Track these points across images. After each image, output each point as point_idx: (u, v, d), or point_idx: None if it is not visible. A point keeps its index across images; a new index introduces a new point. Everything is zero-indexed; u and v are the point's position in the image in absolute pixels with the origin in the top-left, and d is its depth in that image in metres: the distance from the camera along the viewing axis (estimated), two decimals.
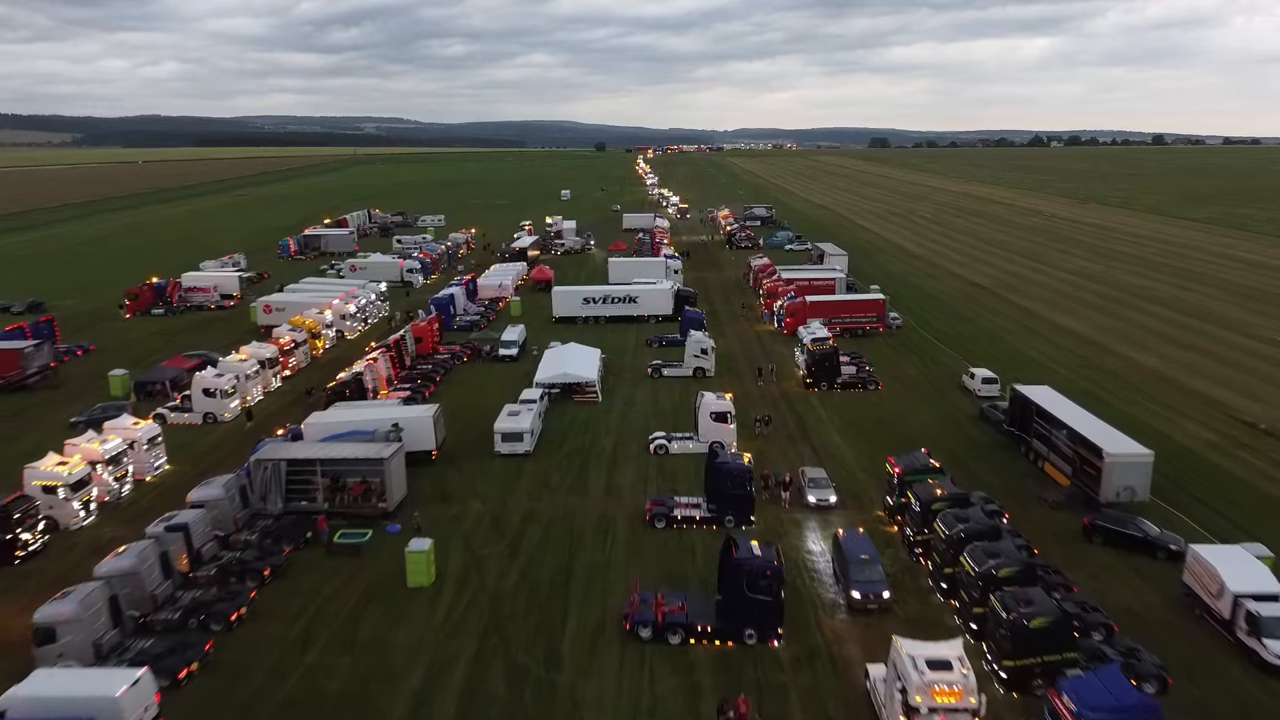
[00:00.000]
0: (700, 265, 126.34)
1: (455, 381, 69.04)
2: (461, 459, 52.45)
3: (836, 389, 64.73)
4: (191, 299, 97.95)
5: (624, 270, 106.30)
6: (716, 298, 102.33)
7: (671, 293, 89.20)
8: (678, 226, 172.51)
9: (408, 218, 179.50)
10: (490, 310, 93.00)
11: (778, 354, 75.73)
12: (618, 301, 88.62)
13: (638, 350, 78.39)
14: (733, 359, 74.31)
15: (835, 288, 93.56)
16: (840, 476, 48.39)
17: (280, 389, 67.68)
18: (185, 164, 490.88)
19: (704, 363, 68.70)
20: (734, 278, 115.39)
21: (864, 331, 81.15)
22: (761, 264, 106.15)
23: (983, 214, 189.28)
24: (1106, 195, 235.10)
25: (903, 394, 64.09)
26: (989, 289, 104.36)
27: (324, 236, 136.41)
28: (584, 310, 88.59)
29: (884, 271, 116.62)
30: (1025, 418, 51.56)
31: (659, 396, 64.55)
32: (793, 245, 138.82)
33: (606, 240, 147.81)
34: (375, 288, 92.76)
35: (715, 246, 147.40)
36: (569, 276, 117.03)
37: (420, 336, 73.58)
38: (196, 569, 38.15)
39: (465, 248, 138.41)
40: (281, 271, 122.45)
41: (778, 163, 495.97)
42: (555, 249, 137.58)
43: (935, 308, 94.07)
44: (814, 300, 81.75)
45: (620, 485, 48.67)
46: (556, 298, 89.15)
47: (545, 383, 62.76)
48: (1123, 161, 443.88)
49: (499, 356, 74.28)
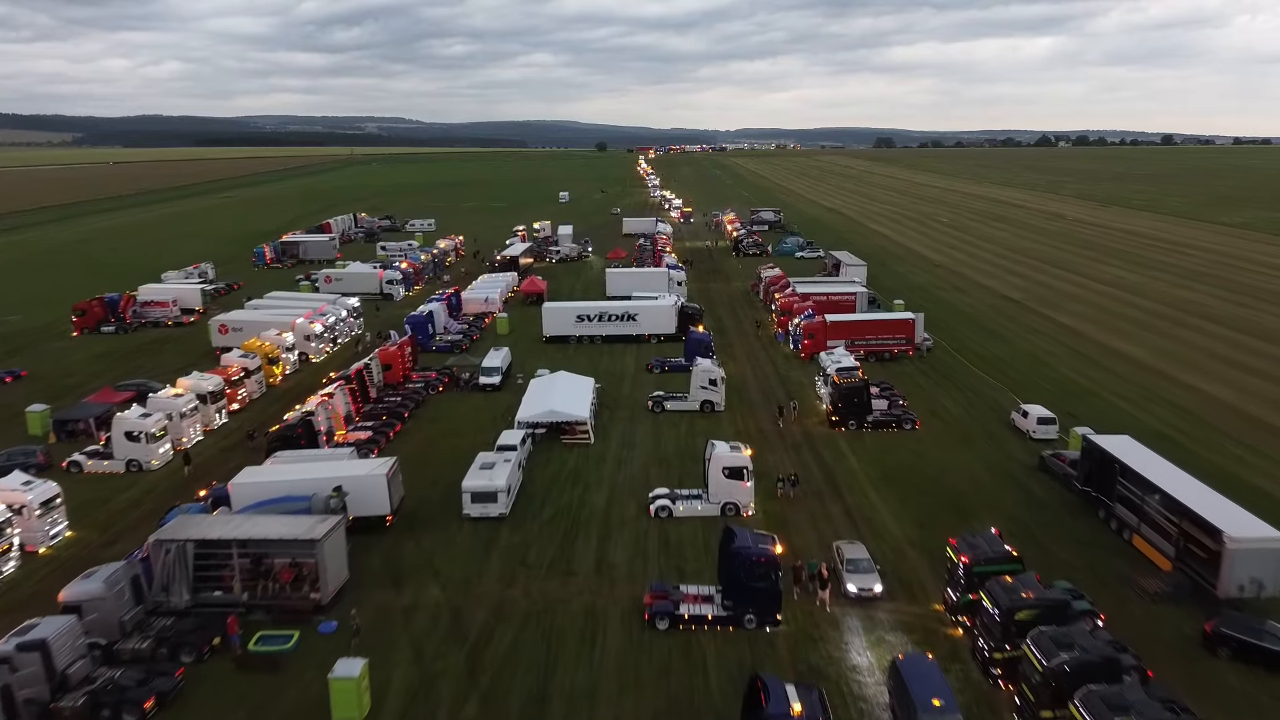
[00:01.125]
0: (705, 275, 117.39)
1: (427, 417, 60.09)
2: (424, 523, 43.54)
3: (867, 428, 55.75)
4: (148, 314, 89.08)
5: (623, 282, 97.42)
6: (724, 312, 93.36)
7: (675, 309, 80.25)
8: (680, 231, 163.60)
9: (395, 222, 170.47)
10: (474, 328, 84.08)
11: (795, 382, 66.80)
12: (615, 319, 79.67)
13: (637, 376, 69.46)
14: (744, 388, 65.33)
15: (856, 304, 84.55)
16: (884, 552, 39.42)
17: (227, 426, 58.83)
18: (178, 164, 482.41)
19: (712, 395, 59.76)
20: (742, 289, 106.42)
21: (891, 355, 72.16)
22: (772, 275, 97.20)
23: (1002, 218, 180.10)
24: (1128, 198, 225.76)
25: (944, 435, 55.05)
26: (1022, 303, 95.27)
27: (303, 243, 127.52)
28: (577, 329, 79.66)
29: (905, 283, 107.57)
30: (1104, 476, 42.55)
31: (661, 436, 55.62)
32: (804, 253, 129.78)
33: (605, 246, 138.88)
34: (347, 303, 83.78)
35: (720, 253, 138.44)
36: (564, 287, 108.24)
37: (389, 363, 64.65)
38: (60, 698, 29.25)
39: (454, 255, 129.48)
40: (255, 281, 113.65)
41: (782, 163, 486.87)
42: (550, 256, 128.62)
43: (967, 326, 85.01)
44: (835, 320, 72.76)
45: (613, 562, 39.72)
46: (547, 315, 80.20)
47: (529, 421, 53.97)
48: (1136, 162, 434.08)
49: (479, 385, 65.39)
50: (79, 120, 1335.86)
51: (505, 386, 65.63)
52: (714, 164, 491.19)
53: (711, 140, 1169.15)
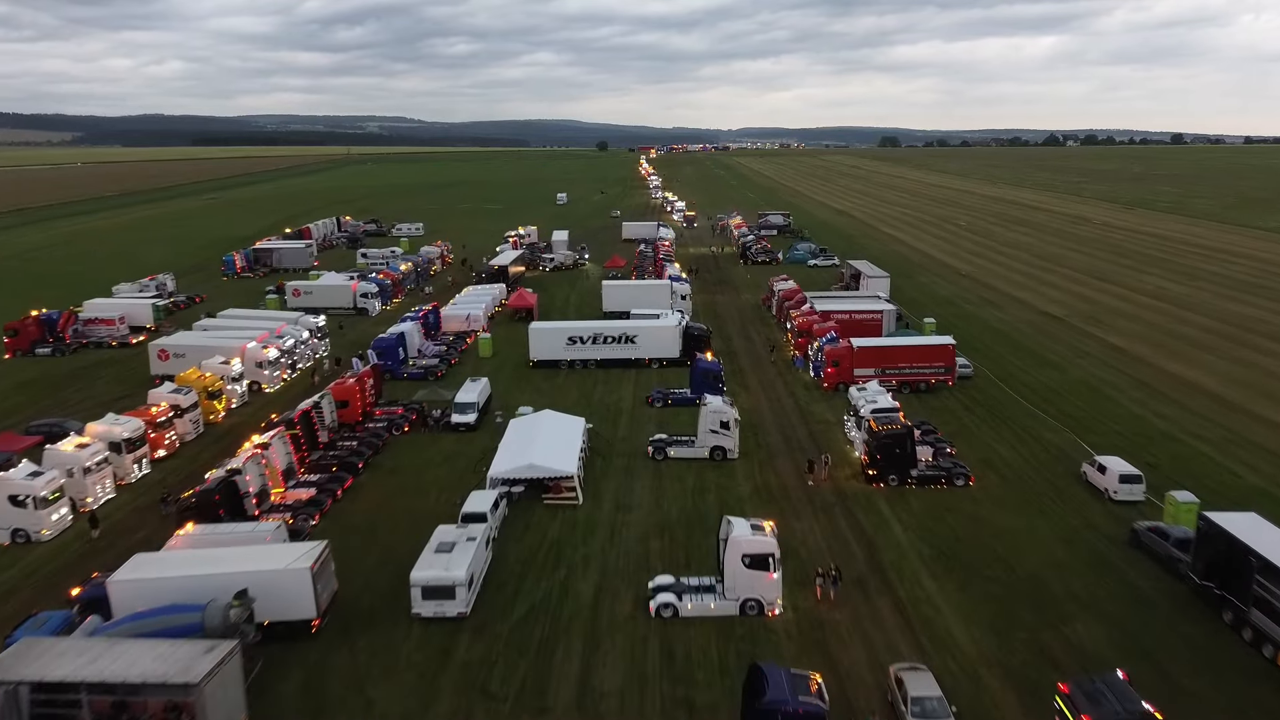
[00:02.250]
0: (710, 285, 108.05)
1: (386, 466, 50.81)
2: (362, 624, 34.30)
3: (911, 484, 46.43)
4: (91, 334, 79.86)
5: (620, 296, 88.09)
6: (733, 330, 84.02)
7: (679, 330, 70.98)
8: (683, 236, 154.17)
9: (382, 226, 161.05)
10: (454, 350, 74.81)
11: (819, 419, 57.46)
12: (611, 342, 70.37)
13: (636, 411, 60.18)
14: (760, 426, 56.04)
15: (883, 324, 75.21)
16: (954, 678, 30.07)
17: (149, 478, 49.59)
18: (169, 164, 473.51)
19: (724, 441, 50.47)
20: (752, 303, 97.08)
21: (928, 386, 62.83)
22: (787, 288, 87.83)
23: (1024, 221, 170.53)
24: (1153, 200, 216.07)
25: (1003, 494, 45.71)
26: (1065, 320, 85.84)
27: (277, 250, 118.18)
28: (568, 353, 70.38)
29: (930, 295, 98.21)
30: (1233, 570, 33.17)
31: (664, 493, 46.36)
32: (817, 261, 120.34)
33: (603, 253, 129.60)
34: (309, 322, 74.52)
35: (726, 260, 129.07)
36: (556, 300, 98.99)
37: (345, 399, 55.36)
38: None
39: (440, 263, 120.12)
40: (222, 293, 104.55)
41: (787, 163, 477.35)
42: (543, 265, 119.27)
43: (1007, 347, 75.61)
44: (863, 345, 63.37)
45: (602, 690, 30.42)
46: (534, 337, 70.87)
47: (505, 477, 44.77)
48: (1151, 161, 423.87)
49: (451, 425, 56.10)
50: (80, 120, 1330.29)
51: (482, 425, 56.41)
52: (717, 164, 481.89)
53: (713, 140, 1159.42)
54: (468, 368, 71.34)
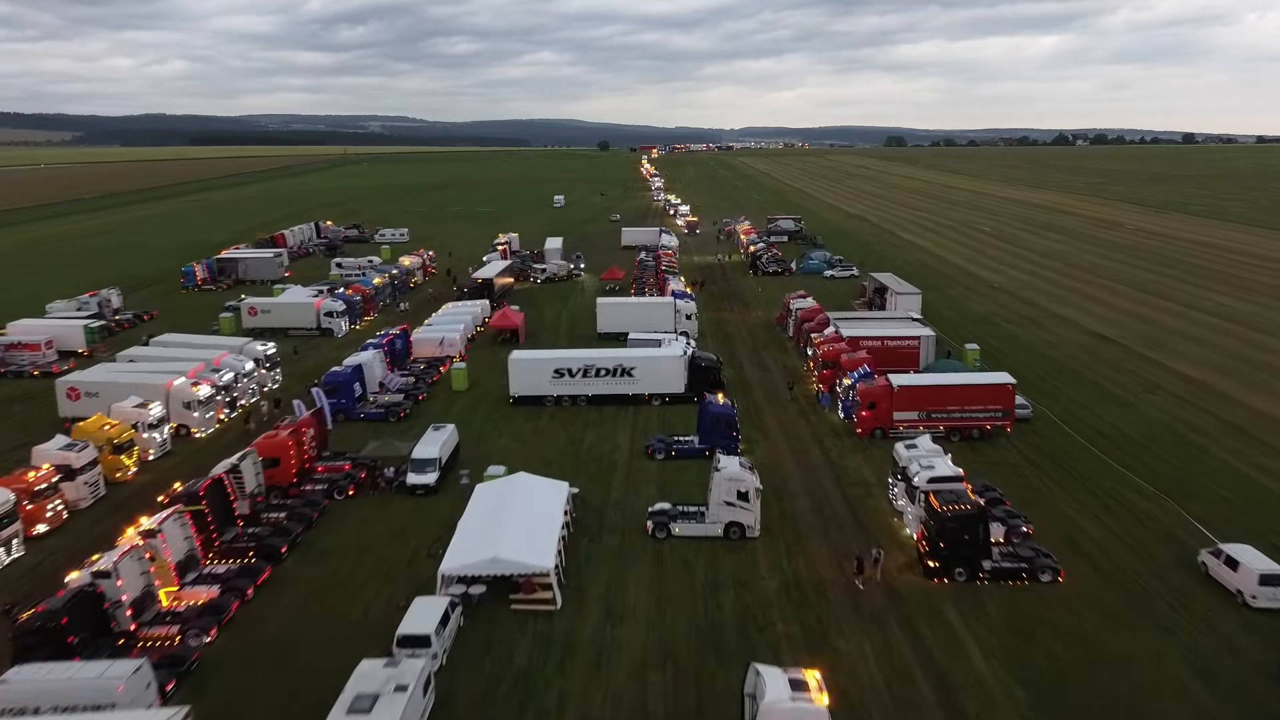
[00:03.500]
0: (717, 299, 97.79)
1: (318, 548, 40.64)
2: None
3: (983, 579, 36.23)
4: (12, 360, 69.83)
5: (618, 316, 78.07)
6: (744, 355, 73.79)
7: (685, 361, 60.74)
8: (686, 243, 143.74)
9: (364, 231, 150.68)
10: (423, 382, 64.63)
11: (855, 477, 47.26)
12: (605, 375, 60.18)
13: (633, 465, 50.02)
14: (784, 488, 45.90)
15: (921, 352, 64.98)
16: None
17: (22, 562, 39.49)
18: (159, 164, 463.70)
19: (742, 516, 40.33)
20: (764, 321, 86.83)
21: (982, 433, 52.58)
22: (805, 307, 77.59)
23: (1051, 227, 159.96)
24: (1184, 202, 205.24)
25: (1105, 594, 35.47)
26: (1121, 343, 75.55)
27: (243, 261, 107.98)
28: (555, 387, 60.23)
29: (963, 313, 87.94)
30: None
31: (667, 593, 36.24)
32: (834, 272, 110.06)
33: (601, 261, 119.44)
34: (256, 349, 64.37)
35: (734, 270, 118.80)
36: (546, 318, 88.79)
37: (275, 457, 45.23)
38: None
39: (421, 273, 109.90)
40: (177, 309, 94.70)
41: (792, 163, 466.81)
42: (534, 276, 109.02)
43: (1063, 378, 65.30)
44: (905, 384, 53.06)
45: None
46: (515, 370, 60.65)
47: (461, 573, 34.77)
48: (1170, 161, 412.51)
49: (406, 485, 45.97)
50: (82, 119, 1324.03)
51: (445, 486, 46.29)
52: (720, 164, 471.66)
53: (715, 139, 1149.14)
54: (437, 404, 61.25)
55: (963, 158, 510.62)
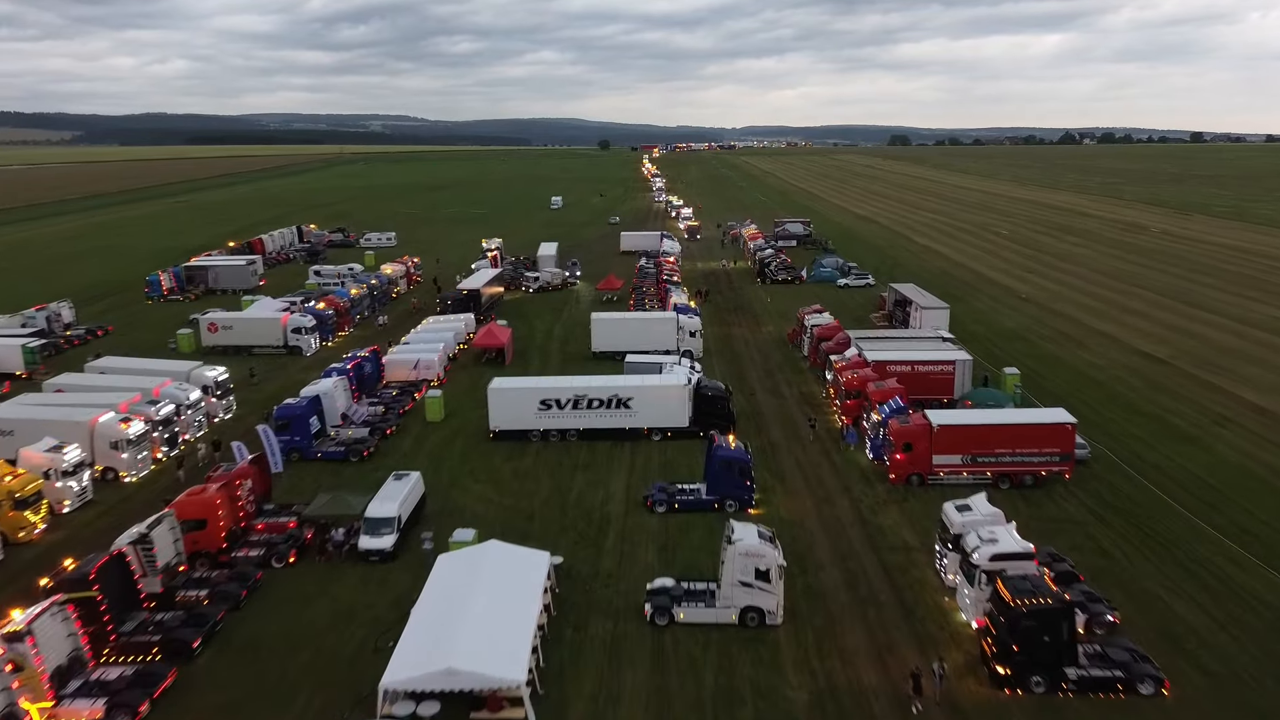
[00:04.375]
0: (723, 312, 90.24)
1: (241, 639, 33.14)
2: None
3: (1067, 691, 28.81)
4: None
5: (614, 333, 70.70)
6: (755, 378, 66.28)
7: (689, 391, 53.26)
8: (689, 249, 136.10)
9: (349, 236, 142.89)
10: (394, 412, 57.21)
11: (893, 540, 39.81)
12: (599, 406, 52.77)
13: (629, 520, 42.62)
14: (808, 554, 38.52)
15: (957, 377, 57.50)
16: None
17: None
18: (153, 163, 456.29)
19: (762, 599, 32.93)
20: (776, 337, 79.29)
21: (1036, 480, 45.15)
22: (822, 324, 70.07)
23: (1071, 229, 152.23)
24: (1206, 204, 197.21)
25: (1221, 714, 28.03)
26: (1174, 365, 67.97)
27: (213, 269, 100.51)
28: (541, 420, 52.82)
29: (993, 328, 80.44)
30: None
31: (670, 706, 28.81)
32: (848, 280, 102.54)
33: (599, 267, 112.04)
34: (205, 376, 56.95)
35: (740, 277, 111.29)
36: (537, 332, 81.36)
37: (200, 517, 37.84)
38: None
39: (406, 283, 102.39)
40: (138, 322, 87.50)
41: (796, 162, 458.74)
42: (526, 285, 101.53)
43: (1117, 408, 57.70)
44: (946, 423, 45.56)
45: None
46: (495, 401, 53.21)
47: (409, 687, 27.35)
48: (1184, 161, 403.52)
49: (358, 550, 38.56)
50: (83, 119, 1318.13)
51: (405, 549, 38.92)
52: (723, 163, 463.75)
53: (717, 138, 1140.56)
54: (408, 440, 53.85)
55: (970, 157, 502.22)
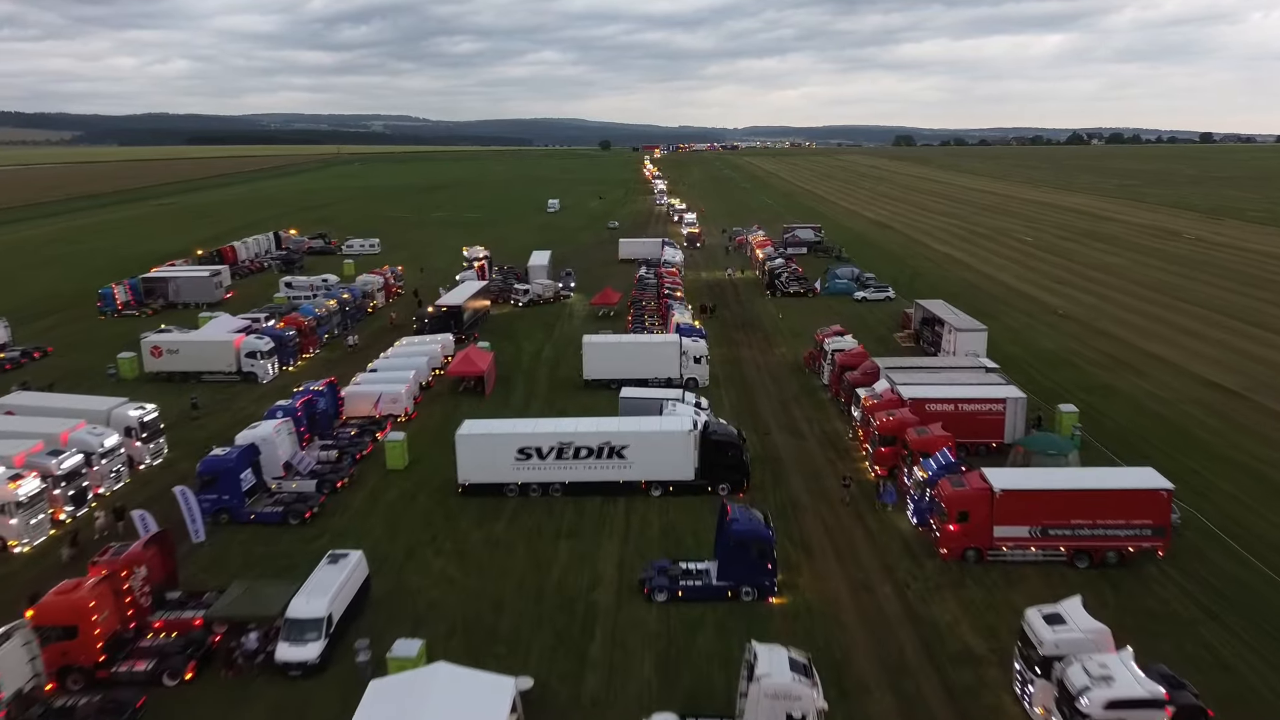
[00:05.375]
0: (730, 330, 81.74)
1: None
2: None
3: None
4: None
5: (609, 359, 62.42)
6: (770, 414, 57.72)
7: (695, 438, 44.81)
8: (693, 257, 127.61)
9: (330, 242, 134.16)
10: (349, 456, 48.80)
11: (958, 653, 31.33)
12: (587, 456, 44.42)
13: (621, 614, 34.25)
14: (849, 670, 30.12)
15: (1007, 419, 49.11)
16: None
17: None
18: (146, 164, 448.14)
19: None
20: (790, 360, 70.78)
21: (1121, 557, 36.74)
22: (844, 349, 61.56)
23: (1097, 235, 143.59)
24: (1235, 208, 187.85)
25: None
26: (1251, 398, 59.35)
27: (174, 280, 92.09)
28: (519, 472, 44.48)
29: (1032, 350, 72.05)
30: None
31: None
32: (866, 294, 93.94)
33: (596, 277, 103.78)
34: (128, 416, 48.62)
35: (748, 289, 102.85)
36: (524, 355, 72.99)
37: (70, 625, 29.52)
38: None
39: (385, 295, 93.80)
40: (85, 343, 79.04)
41: (800, 163, 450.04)
42: (515, 299, 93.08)
43: (1200, 457, 49.06)
44: (1010, 488, 37.12)
45: None
46: (464, 450, 44.79)
47: None
48: (1198, 162, 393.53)
49: (276, 663, 30.23)
50: (83, 119, 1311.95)
51: (334, 663, 30.58)
52: (726, 164, 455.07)
53: (719, 138, 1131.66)
54: (359, 496, 45.49)
55: (977, 157, 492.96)
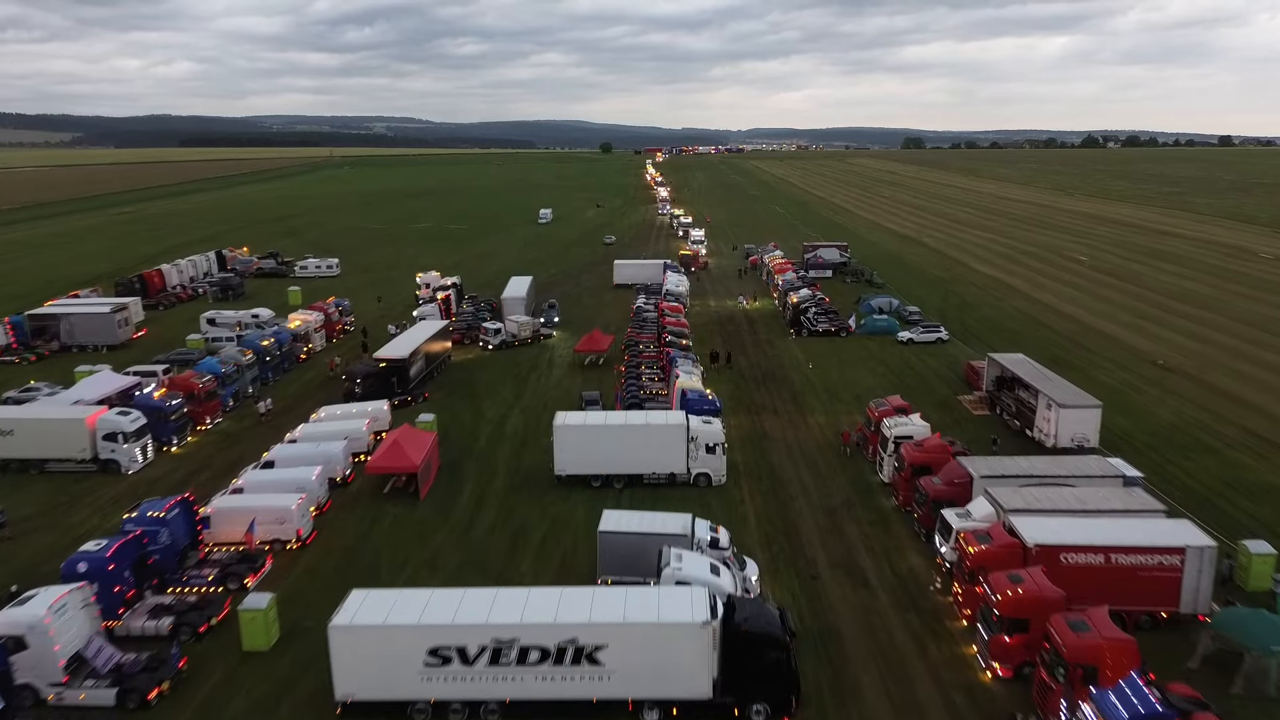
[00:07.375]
0: (748, 387, 64.71)
1: None
2: None
3: None
4: None
5: (585, 449, 45.62)
6: (813, 537, 40.87)
7: (712, 634, 27.84)
8: (699, 282, 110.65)
9: (281, 262, 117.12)
10: (190, 629, 32.19)
11: None
12: (538, 661, 27.61)
13: None
14: None
15: (1184, 580, 32.19)
16: None
17: None
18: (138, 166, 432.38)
19: None
20: (828, 438, 53.55)
21: None
22: (916, 436, 44.71)
23: (1161, 254, 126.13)
24: None
25: None
26: None
27: (66, 318, 75.32)
28: (432, 685, 27.71)
29: (1142, 424, 55.12)
30: None
31: None
32: (911, 335, 76.74)
33: (586, 307, 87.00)
34: None
35: (766, 324, 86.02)
36: (483, 425, 55.97)
37: None
38: None
39: (323, 336, 76.63)
40: None
41: (809, 167, 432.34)
42: (485, 341, 76.08)
43: None
44: None
45: None
46: (343, 648, 28.01)
47: None
48: (1229, 166, 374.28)
49: None
50: (86, 120, 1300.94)
51: None
52: (731, 168, 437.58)
53: (723, 140, 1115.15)
54: (189, 710, 28.71)
55: (993, 161, 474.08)
